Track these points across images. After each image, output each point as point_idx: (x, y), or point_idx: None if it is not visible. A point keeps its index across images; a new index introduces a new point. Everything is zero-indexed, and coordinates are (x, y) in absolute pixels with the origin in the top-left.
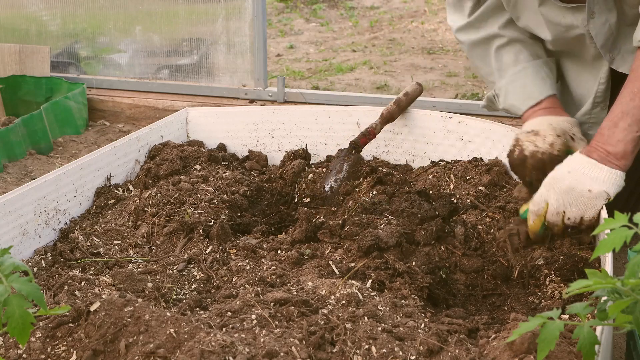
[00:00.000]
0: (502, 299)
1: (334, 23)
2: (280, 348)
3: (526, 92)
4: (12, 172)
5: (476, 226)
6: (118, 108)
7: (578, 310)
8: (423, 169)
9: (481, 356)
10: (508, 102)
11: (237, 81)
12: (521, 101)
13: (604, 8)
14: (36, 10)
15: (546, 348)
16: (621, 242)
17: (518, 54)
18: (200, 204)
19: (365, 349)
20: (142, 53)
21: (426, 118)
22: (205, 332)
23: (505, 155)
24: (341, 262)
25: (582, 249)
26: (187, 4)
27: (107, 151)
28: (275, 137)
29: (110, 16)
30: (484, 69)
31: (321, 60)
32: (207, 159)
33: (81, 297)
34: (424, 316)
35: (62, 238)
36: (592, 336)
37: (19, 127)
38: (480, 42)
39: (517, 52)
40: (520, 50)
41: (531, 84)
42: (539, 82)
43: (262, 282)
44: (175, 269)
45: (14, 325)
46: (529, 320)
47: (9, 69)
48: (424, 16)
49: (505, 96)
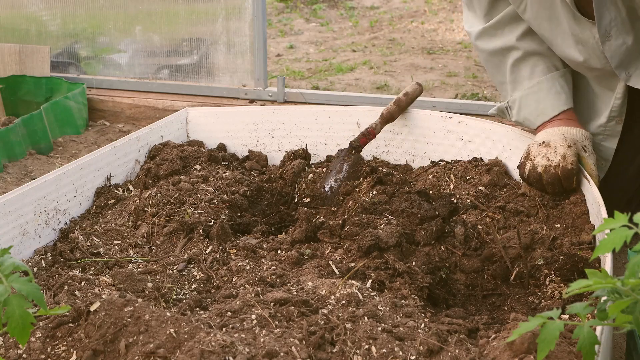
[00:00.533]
0: (502, 299)
1: (334, 23)
2: (280, 348)
3: (540, 108)
4: (12, 172)
5: (476, 226)
6: (118, 108)
7: (578, 310)
8: (423, 169)
9: (481, 356)
10: (522, 116)
11: (237, 81)
12: (534, 116)
13: (622, 30)
14: (36, 10)
15: (546, 348)
16: (621, 242)
17: (534, 67)
18: (200, 204)
19: (365, 349)
20: (142, 53)
21: (426, 118)
22: (205, 332)
23: (505, 156)
24: (341, 262)
25: (582, 249)
26: (187, 4)
27: (107, 151)
28: (275, 137)
29: (110, 16)
30: (498, 78)
31: (321, 60)
32: (207, 159)
33: (81, 297)
34: (424, 316)
35: (62, 238)
36: (592, 336)
37: (19, 127)
38: (497, 53)
39: (533, 66)
40: (536, 63)
41: (545, 99)
42: (553, 97)
43: (262, 282)
44: (175, 269)
45: (14, 325)
46: (529, 320)
47: (9, 69)
48: (424, 16)
49: (518, 109)
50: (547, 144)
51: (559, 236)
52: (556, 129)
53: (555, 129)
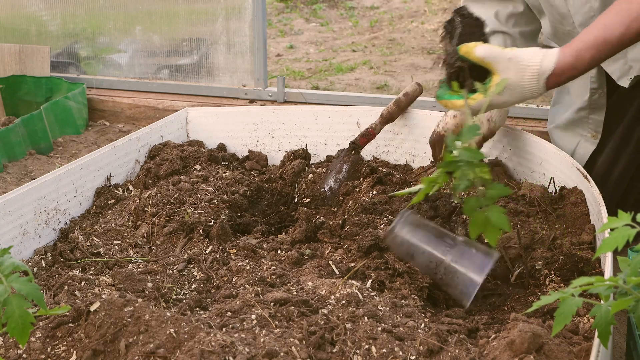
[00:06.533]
0: (502, 299)
1: (334, 23)
2: (280, 348)
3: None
4: (12, 172)
5: None
6: (118, 108)
7: (599, 291)
8: (423, 169)
9: (481, 356)
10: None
11: (237, 81)
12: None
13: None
14: (36, 10)
15: (562, 322)
16: (624, 241)
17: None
18: (200, 204)
19: (365, 349)
20: (142, 53)
21: (426, 118)
22: (205, 332)
23: (505, 156)
24: (341, 262)
25: (582, 249)
26: (187, 4)
27: (107, 151)
28: (275, 137)
29: (110, 16)
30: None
31: (321, 60)
32: (207, 159)
33: (81, 297)
34: (424, 316)
35: (62, 238)
36: (608, 316)
37: (19, 127)
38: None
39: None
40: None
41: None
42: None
43: (262, 282)
44: (175, 269)
45: (14, 325)
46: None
47: (9, 69)
48: (424, 16)
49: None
50: (446, 113)
51: (559, 236)
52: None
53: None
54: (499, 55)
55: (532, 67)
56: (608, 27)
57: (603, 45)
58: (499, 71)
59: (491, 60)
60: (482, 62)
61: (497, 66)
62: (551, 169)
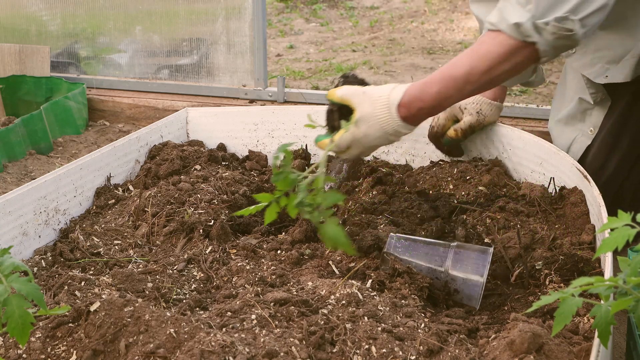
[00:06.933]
0: (502, 299)
1: (334, 23)
2: (280, 348)
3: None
4: (12, 172)
5: (476, 226)
6: (118, 108)
7: (599, 291)
8: (423, 169)
9: (481, 356)
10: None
11: (237, 81)
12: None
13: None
14: (36, 10)
15: (562, 322)
16: (624, 241)
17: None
18: (200, 204)
19: (365, 349)
20: (142, 53)
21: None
22: (205, 332)
23: (505, 156)
24: (341, 262)
25: (582, 249)
26: (187, 4)
27: (107, 151)
28: (275, 137)
29: (110, 16)
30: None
31: (321, 60)
32: (207, 159)
33: (81, 297)
34: (424, 316)
35: (62, 238)
36: (608, 316)
37: (19, 127)
38: (478, 19)
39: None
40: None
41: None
42: None
43: (262, 282)
44: (175, 269)
45: (14, 325)
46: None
47: (9, 69)
48: (424, 16)
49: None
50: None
51: (559, 236)
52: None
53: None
54: (355, 91)
55: (382, 98)
56: (455, 65)
57: (448, 81)
58: (356, 105)
59: (349, 97)
60: (342, 101)
61: (354, 101)
62: (551, 169)
